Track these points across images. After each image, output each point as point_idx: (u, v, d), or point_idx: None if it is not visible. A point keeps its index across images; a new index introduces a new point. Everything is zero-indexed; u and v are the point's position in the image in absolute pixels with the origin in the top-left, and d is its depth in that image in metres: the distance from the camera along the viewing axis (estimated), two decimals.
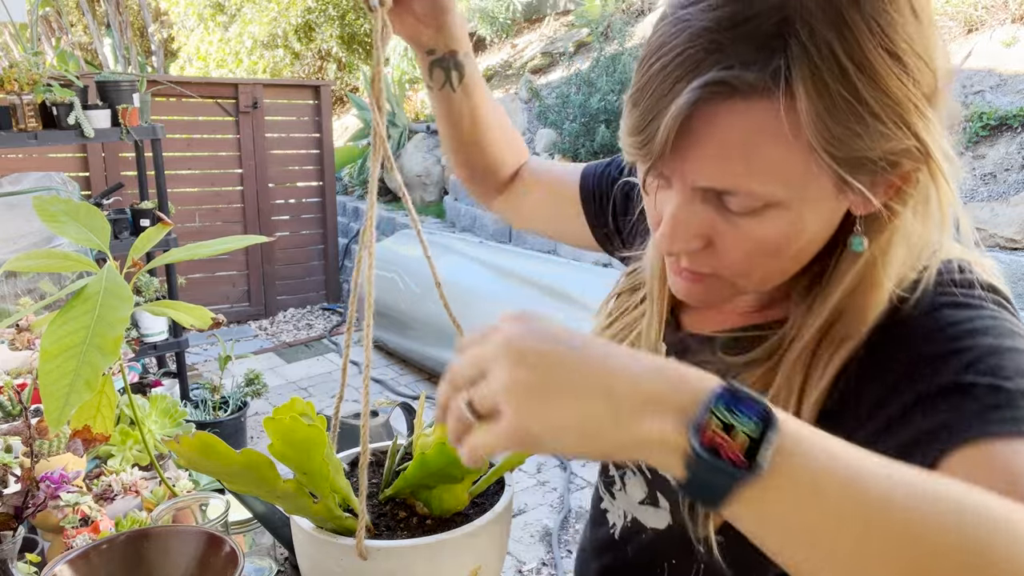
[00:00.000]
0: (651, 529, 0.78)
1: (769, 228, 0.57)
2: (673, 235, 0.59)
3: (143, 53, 10.18)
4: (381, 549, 0.61)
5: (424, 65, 0.86)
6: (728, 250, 0.59)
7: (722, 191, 0.56)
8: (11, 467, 0.93)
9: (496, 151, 0.96)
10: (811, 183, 0.55)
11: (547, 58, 6.40)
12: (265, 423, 0.58)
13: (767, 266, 0.60)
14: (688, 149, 0.54)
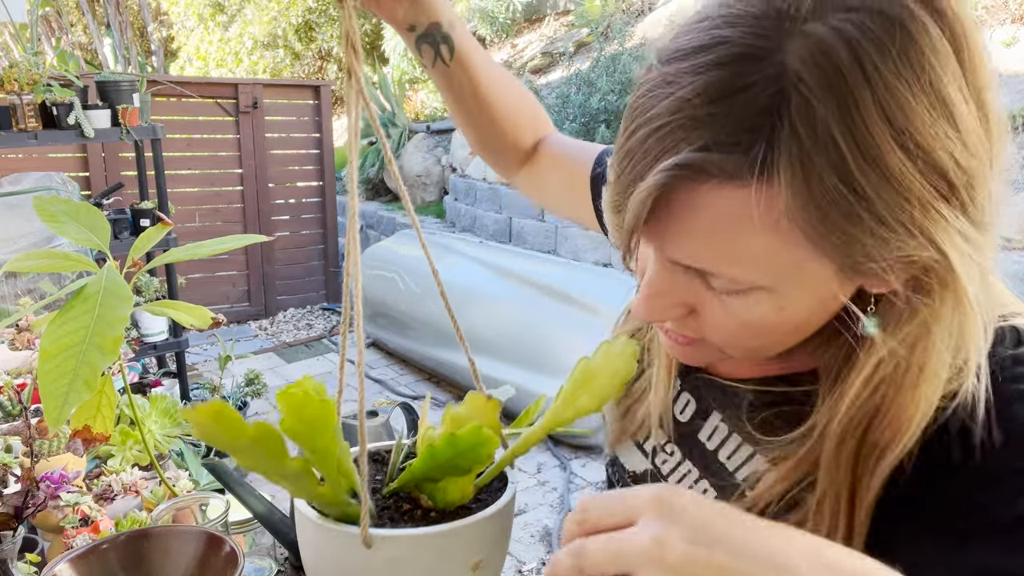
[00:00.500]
0: None
1: (756, 310, 0.51)
2: (649, 304, 0.54)
3: (143, 53, 10.18)
4: (386, 537, 0.61)
5: (410, 44, 0.80)
6: (714, 324, 0.54)
7: (701, 272, 0.51)
8: (11, 467, 0.93)
9: (508, 123, 0.89)
10: (804, 268, 0.48)
11: (547, 58, 6.40)
12: (278, 396, 0.58)
13: (761, 343, 0.55)
14: (665, 226, 0.49)
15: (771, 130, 0.43)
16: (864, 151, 0.43)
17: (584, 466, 3.34)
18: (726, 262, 0.49)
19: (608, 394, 0.65)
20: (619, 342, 0.65)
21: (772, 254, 0.47)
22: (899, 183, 0.43)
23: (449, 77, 0.82)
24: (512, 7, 6.58)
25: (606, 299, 3.53)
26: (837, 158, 0.43)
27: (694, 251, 0.50)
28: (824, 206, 0.44)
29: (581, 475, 3.28)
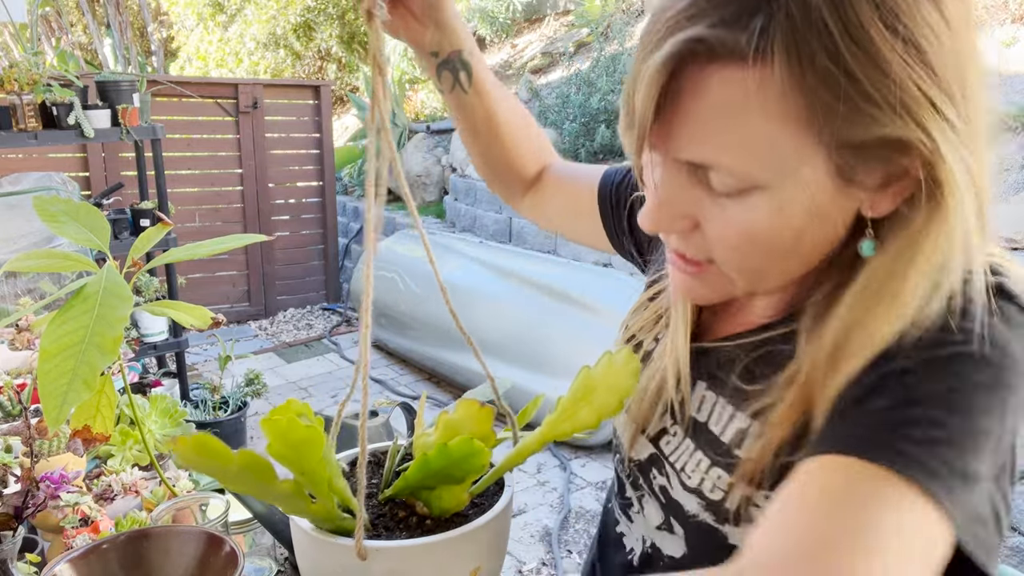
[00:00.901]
0: (668, 556, 0.74)
1: (755, 215, 0.53)
2: (657, 212, 0.56)
3: (143, 53, 10.18)
4: (380, 549, 0.61)
5: (431, 69, 0.83)
6: (717, 237, 0.56)
7: (701, 165, 0.53)
8: (11, 467, 0.93)
9: (517, 152, 0.93)
10: (800, 167, 0.50)
11: (547, 58, 6.40)
12: (262, 424, 0.58)
13: (762, 262, 0.56)
14: (671, 117, 0.52)
15: (768, 13, 0.47)
16: (852, 32, 0.46)
17: (584, 466, 3.34)
18: (727, 152, 0.51)
19: (608, 410, 0.65)
20: (621, 355, 0.65)
21: (769, 141, 0.49)
22: (886, 63, 0.46)
23: (465, 104, 0.85)
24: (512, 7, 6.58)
25: (606, 299, 3.53)
26: (828, 39, 0.46)
27: (698, 141, 0.52)
28: (816, 87, 0.47)
29: (581, 475, 3.28)
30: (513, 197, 0.99)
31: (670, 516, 0.73)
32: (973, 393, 0.50)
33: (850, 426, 0.51)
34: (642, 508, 0.78)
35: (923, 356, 0.52)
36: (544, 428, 0.68)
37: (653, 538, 0.76)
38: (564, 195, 0.96)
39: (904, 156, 0.50)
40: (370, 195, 0.57)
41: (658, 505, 0.74)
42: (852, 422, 0.52)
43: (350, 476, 0.75)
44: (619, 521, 0.83)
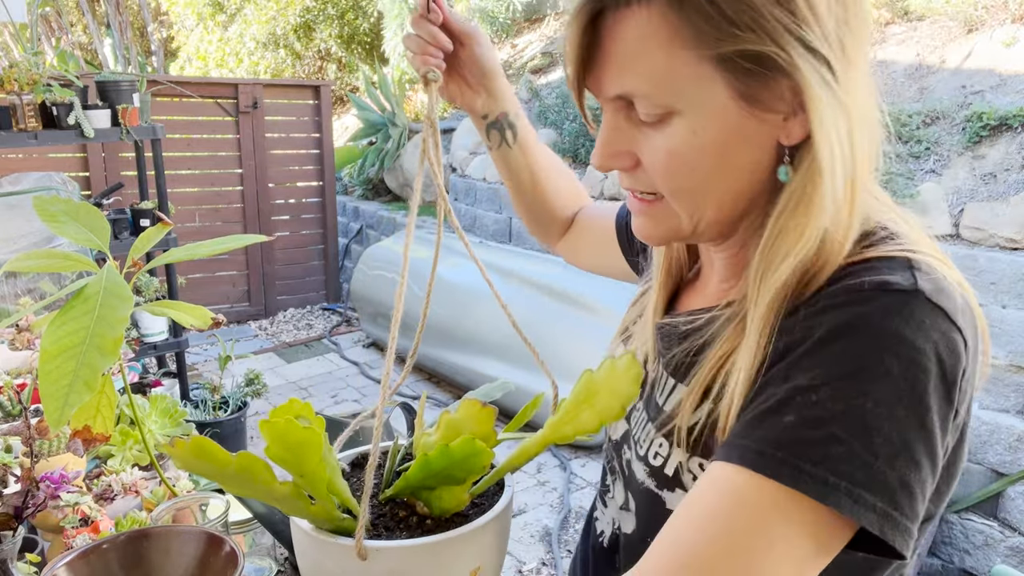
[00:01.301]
0: (624, 534, 0.78)
1: (676, 139, 0.60)
2: (601, 150, 0.65)
3: (143, 53, 10.18)
4: (381, 549, 0.61)
5: (481, 128, 0.95)
6: (651, 165, 0.63)
7: (624, 96, 0.61)
8: (11, 467, 0.93)
9: (556, 199, 1.03)
10: (702, 90, 0.58)
11: (547, 58, 6.39)
12: (261, 426, 0.58)
13: (692, 183, 0.62)
14: (600, 61, 0.62)
15: None
16: None
17: (584, 466, 3.34)
18: (643, 81, 0.59)
19: (610, 413, 0.65)
20: (623, 360, 0.65)
21: (670, 68, 0.58)
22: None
23: (510, 158, 0.97)
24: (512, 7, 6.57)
25: (606, 299, 3.53)
26: None
27: (618, 75, 0.61)
28: (691, 14, 0.56)
29: (581, 475, 3.27)
30: (552, 238, 1.09)
31: (628, 492, 0.77)
32: (865, 380, 0.52)
33: (754, 432, 0.55)
34: (614, 492, 0.82)
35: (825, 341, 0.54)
36: (546, 430, 0.68)
37: (618, 518, 0.80)
38: (592, 233, 1.04)
39: (782, 76, 0.57)
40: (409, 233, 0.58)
41: (622, 483, 0.79)
42: (757, 427, 0.55)
43: (350, 477, 0.75)
44: (597, 508, 0.88)
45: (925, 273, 0.55)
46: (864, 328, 0.53)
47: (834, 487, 0.50)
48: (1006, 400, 2.51)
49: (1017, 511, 2.44)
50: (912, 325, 0.52)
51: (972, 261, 2.60)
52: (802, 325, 0.56)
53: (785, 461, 0.52)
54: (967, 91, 3.25)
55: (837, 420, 0.51)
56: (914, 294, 0.54)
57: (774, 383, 0.55)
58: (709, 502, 0.54)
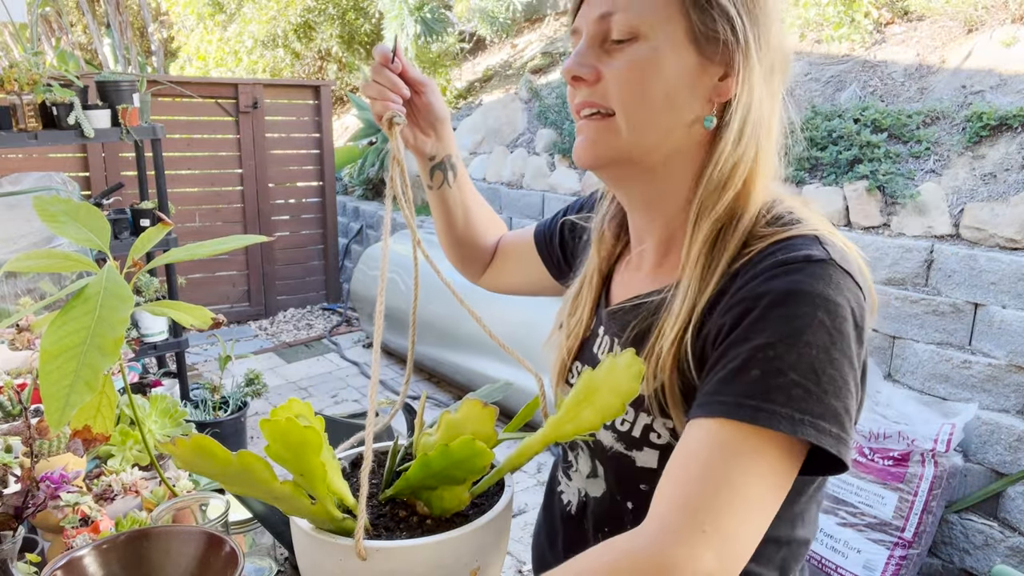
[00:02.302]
0: (593, 498, 0.88)
1: (636, 56, 0.74)
2: (574, 60, 0.78)
3: (143, 53, 10.18)
4: (380, 549, 0.61)
5: (425, 170, 1.06)
6: (611, 78, 0.76)
7: (607, 14, 0.75)
8: (11, 467, 0.93)
9: (483, 234, 1.14)
10: (669, 24, 0.73)
11: (547, 58, 6.39)
12: (261, 425, 0.58)
13: (644, 105, 0.75)
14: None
15: None
16: None
17: None
18: (622, 3, 0.74)
19: (611, 411, 0.65)
20: (624, 357, 0.65)
21: (657, 6, 0.73)
22: None
23: (448, 197, 1.07)
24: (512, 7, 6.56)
25: None
26: None
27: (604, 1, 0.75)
28: None
29: None
30: (475, 274, 1.19)
31: (595, 460, 0.86)
32: (808, 333, 0.65)
33: (727, 388, 0.66)
34: (577, 465, 0.91)
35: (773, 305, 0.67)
36: (547, 429, 0.68)
37: (585, 487, 0.90)
38: (515, 253, 1.14)
39: (728, 39, 0.73)
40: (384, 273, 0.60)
41: (588, 455, 0.88)
42: (729, 383, 0.66)
43: (350, 476, 0.75)
44: (560, 482, 0.96)
45: (831, 246, 0.71)
46: (800, 293, 0.66)
47: (800, 422, 0.63)
48: (1006, 400, 2.51)
49: (1017, 511, 2.44)
50: (832, 286, 0.67)
51: (972, 261, 2.60)
52: (748, 291, 0.69)
53: (759, 408, 0.64)
54: (967, 91, 3.25)
55: (793, 368, 0.64)
56: (829, 263, 0.68)
57: (736, 345, 0.67)
58: (704, 455, 0.64)
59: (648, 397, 0.77)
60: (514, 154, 5.05)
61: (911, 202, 2.93)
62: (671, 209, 0.81)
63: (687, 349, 0.73)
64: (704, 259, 0.75)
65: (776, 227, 0.75)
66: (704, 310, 0.73)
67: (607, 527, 0.85)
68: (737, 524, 0.62)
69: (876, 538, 2.49)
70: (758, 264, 0.71)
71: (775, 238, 0.73)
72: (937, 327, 2.68)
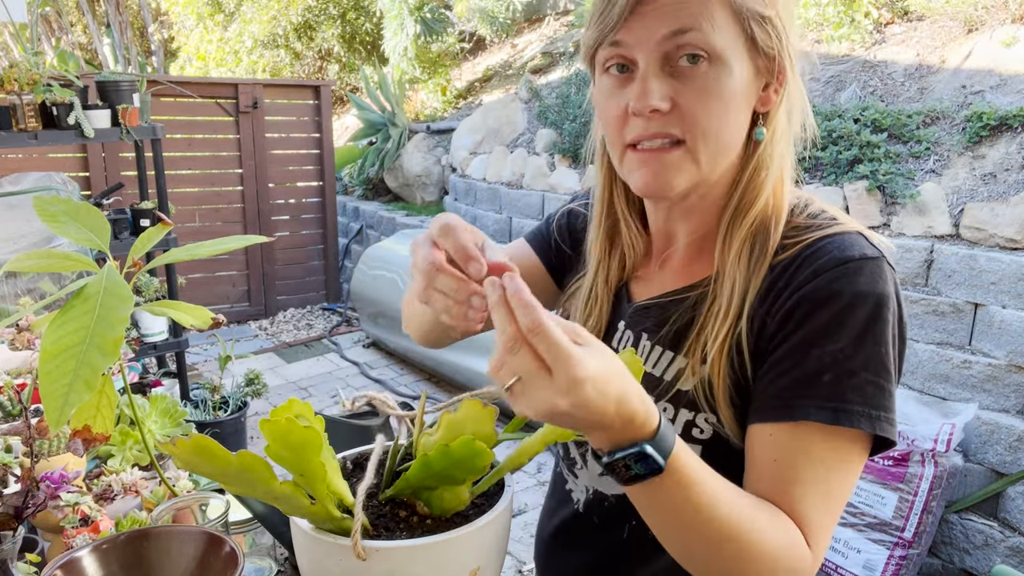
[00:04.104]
0: (612, 496, 0.87)
1: (709, 80, 0.71)
2: (645, 93, 0.72)
3: (143, 53, 10.18)
4: (380, 549, 0.61)
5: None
6: (687, 105, 0.72)
7: (682, 30, 0.70)
8: (11, 467, 0.93)
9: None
10: (736, 41, 0.72)
11: (547, 58, 6.39)
12: (261, 425, 0.58)
13: (717, 127, 0.73)
14: (645, 7, 0.70)
15: None
16: None
17: None
18: (702, 21, 0.70)
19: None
20: (624, 355, 0.65)
21: (722, 18, 0.71)
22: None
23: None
24: (512, 7, 6.56)
25: None
26: None
27: (679, 12, 0.70)
28: None
29: None
30: (453, 342, 1.01)
31: None
32: (875, 332, 0.70)
33: (807, 391, 0.70)
34: (585, 463, 0.91)
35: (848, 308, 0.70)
36: (547, 429, 0.68)
37: (595, 485, 0.89)
38: None
39: (772, 50, 0.74)
40: None
41: None
42: (808, 387, 0.70)
43: (350, 476, 0.75)
44: (567, 480, 0.95)
45: (876, 243, 0.74)
46: (866, 295, 0.70)
47: (876, 418, 0.69)
48: (1006, 400, 2.50)
49: (1017, 511, 2.44)
50: (889, 283, 0.71)
51: (972, 261, 2.60)
52: (811, 291, 0.71)
53: (840, 409, 0.68)
54: (967, 91, 3.24)
55: (864, 367, 0.69)
56: (883, 259, 0.72)
57: (807, 347, 0.70)
58: (800, 460, 0.69)
59: (692, 391, 0.77)
60: (514, 154, 5.05)
61: (911, 202, 2.93)
62: (708, 210, 0.81)
63: (741, 344, 0.74)
64: (748, 255, 0.76)
65: (817, 222, 0.77)
66: (754, 303, 0.75)
67: (634, 520, 0.84)
68: (830, 521, 0.69)
69: (876, 538, 2.49)
70: (813, 260, 0.73)
71: (821, 233, 0.75)
72: (937, 327, 2.68)
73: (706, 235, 0.83)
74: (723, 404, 0.75)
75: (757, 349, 0.74)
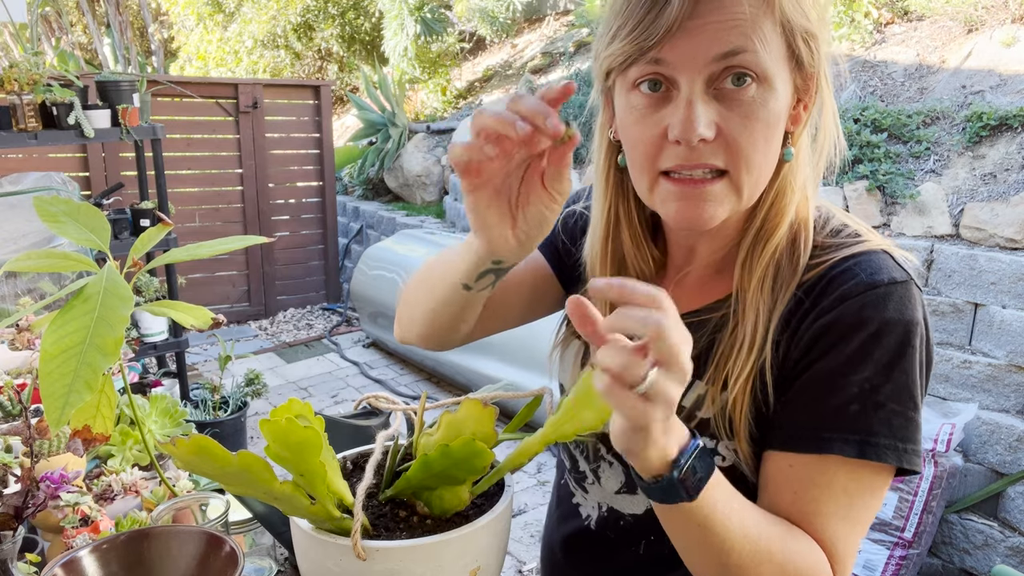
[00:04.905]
0: (629, 515, 0.84)
1: (760, 103, 0.66)
2: (691, 121, 0.65)
3: (143, 53, 10.17)
4: (380, 549, 0.61)
5: (479, 271, 0.72)
6: (735, 131, 0.66)
7: (734, 51, 0.64)
8: (11, 467, 0.92)
9: (483, 327, 0.91)
10: (783, 63, 0.67)
11: (547, 58, 6.39)
12: (261, 425, 0.58)
13: (760, 155, 0.68)
14: (692, 25, 0.64)
15: None
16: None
17: None
18: (754, 42, 0.64)
19: (611, 411, 0.65)
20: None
21: (773, 37, 0.66)
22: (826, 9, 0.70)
23: (475, 300, 0.79)
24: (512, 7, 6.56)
25: None
26: None
27: (730, 34, 0.64)
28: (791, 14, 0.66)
29: None
30: (453, 343, 0.93)
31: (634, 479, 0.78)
32: (904, 362, 0.67)
33: (832, 423, 0.68)
34: (597, 478, 0.87)
35: (874, 337, 0.67)
36: (547, 429, 0.68)
37: (610, 502, 0.86)
38: (518, 287, 0.93)
39: (808, 65, 0.70)
40: None
41: (621, 470, 0.84)
42: (835, 418, 0.68)
43: (350, 476, 0.75)
44: (574, 493, 0.91)
45: (902, 263, 0.71)
46: (895, 323, 0.67)
47: (903, 451, 0.67)
48: (1006, 400, 2.50)
49: (1017, 511, 2.44)
50: (917, 308, 0.69)
51: (972, 261, 2.60)
52: (837, 316, 0.68)
53: (866, 442, 0.66)
54: (967, 91, 3.24)
55: (890, 397, 0.67)
56: (911, 283, 0.69)
57: (832, 376, 0.68)
58: (818, 488, 0.68)
59: (713, 419, 0.74)
60: None
61: (911, 202, 2.93)
62: (730, 228, 0.77)
63: (764, 374, 0.71)
64: (771, 282, 0.73)
65: (840, 240, 0.73)
66: (777, 328, 0.72)
67: (652, 536, 0.83)
68: (854, 547, 0.69)
69: (876, 538, 2.49)
70: (839, 284, 0.70)
71: (847, 252, 0.72)
72: (937, 327, 2.68)
73: (726, 254, 0.79)
74: (742, 435, 0.73)
75: (781, 376, 0.71)
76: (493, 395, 0.75)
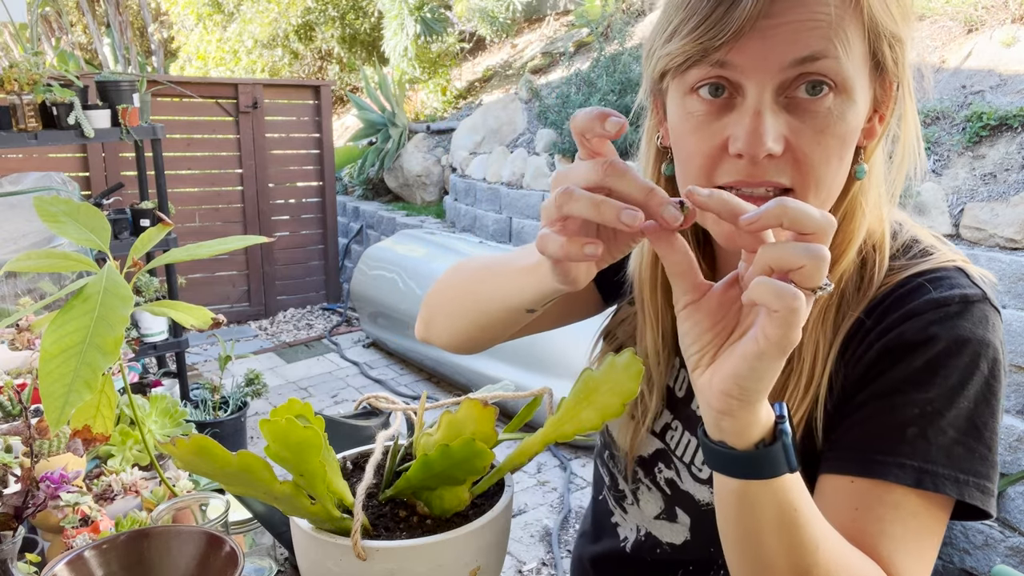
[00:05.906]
0: (667, 543, 0.80)
1: (836, 116, 0.59)
2: (758, 133, 0.58)
3: (143, 53, 10.18)
4: (380, 549, 0.61)
5: (549, 298, 0.67)
6: (806, 147, 0.59)
7: (812, 57, 0.57)
8: (11, 467, 0.92)
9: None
10: (862, 69, 0.60)
11: (547, 58, 6.39)
12: (261, 425, 0.58)
13: (830, 173, 0.61)
14: (779, 17, 0.56)
15: None
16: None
17: (584, 466, 3.34)
18: (835, 43, 0.57)
19: (611, 411, 0.65)
20: (624, 357, 0.65)
21: (856, 44, 0.58)
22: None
23: (525, 318, 0.75)
24: (512, 7, 6.56)
25: None
26: None
27: (811, 36, 0.57)
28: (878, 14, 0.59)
29: (581, 475, 3.27)
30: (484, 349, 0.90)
31: (675, 506, 0.78)
32: (969, 387, 0.62)
33: (878, 446, 0.62)
34: (636, 500, 0.83)
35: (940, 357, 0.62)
36: (546, 429, 0.68)
37: (648, 527, 0.82)
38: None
39: (887, 74, 0.62)
40: None
41: (660, 496, 0.80)
42: (879, 441, 0.62)
43: (350, 476, 0.75)
44: (613, 512, 0.88)
45: (978, 280, 0.66)
46: (963, 343, 0.62)
47: (964, 483, 0.62)
48: (1006, 400, 2.51)
49: (1017, 511, 2.44)
50: (990, 330, 0.63)
51: (972, 261, 2.60)
52: (903, 334, 0.63)
53: (923, 470, 0.61)
54: (967, 91, 3.24)
55: (952, 424, 0.62)
56: (985, 302, 0.64)
57: (892, 394, 0.62)
58: (887, 509, 0.62)
59: None
60: (514, 154, 5.05)
61: (911, 202, 2.93)
62: None
63: (820, 405, 0.66)
64: (835, 308, 0.66)
65: (907, 261, 0.67)
66: (836, 357, 0.66)
67: (691, 566, 0.79)
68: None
69: None
70: (905, 301, 0.64)
71: (916, 269, 0.66)
72: None
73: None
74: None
75: (835, 409, 0.66)
76: (493, 395, 0.75)
